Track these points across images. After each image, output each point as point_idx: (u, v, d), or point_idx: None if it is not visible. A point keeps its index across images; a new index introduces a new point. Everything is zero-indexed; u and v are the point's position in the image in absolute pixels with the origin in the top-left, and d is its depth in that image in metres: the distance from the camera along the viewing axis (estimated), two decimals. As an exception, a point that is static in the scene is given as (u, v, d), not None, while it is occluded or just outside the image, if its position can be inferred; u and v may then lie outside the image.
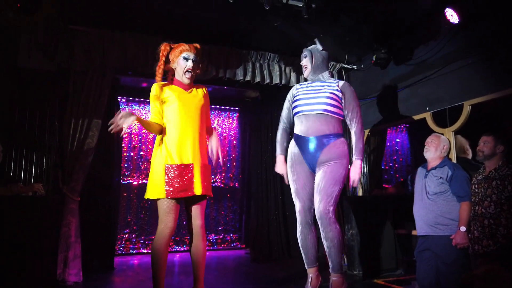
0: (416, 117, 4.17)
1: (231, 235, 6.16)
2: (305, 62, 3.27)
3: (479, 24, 3.44)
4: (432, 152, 3.36)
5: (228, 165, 6.28)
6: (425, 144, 3.43)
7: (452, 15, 3.40)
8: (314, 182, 3.08)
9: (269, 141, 5.60)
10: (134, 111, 5.78)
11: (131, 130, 5.75)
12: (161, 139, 2.64)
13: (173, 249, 5.74)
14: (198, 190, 2.58)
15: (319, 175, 3.03)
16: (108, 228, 4.49)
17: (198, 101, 2.73)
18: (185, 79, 2.69)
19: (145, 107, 5.90)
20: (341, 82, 3.19)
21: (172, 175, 2.51)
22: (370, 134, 4.94)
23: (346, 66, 5.00)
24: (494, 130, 3.04)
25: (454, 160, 3.57)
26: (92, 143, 3.85)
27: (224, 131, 6.34)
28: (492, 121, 4.01)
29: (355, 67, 5.05)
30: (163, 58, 2.70)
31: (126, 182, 5.64)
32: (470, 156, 3.74)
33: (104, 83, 3.98)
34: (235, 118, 6.40)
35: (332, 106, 3.06)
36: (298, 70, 4.77)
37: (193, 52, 2.70)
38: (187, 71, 2.67)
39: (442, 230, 3.13)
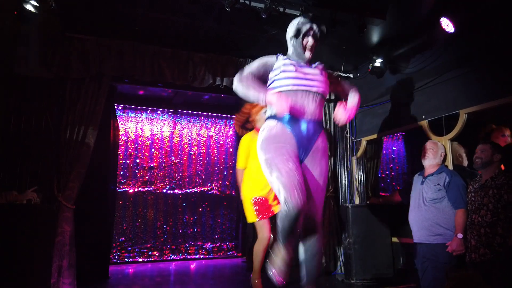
0: (412, 126, 4.18)
1: (227, 243, 6.13)
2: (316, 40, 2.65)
3: (474, 33, 3.47)
4: (431, 159, 3.37)
5: (225, 173, 6.27)
6: (423, 150, 3.43)
7: (447, 25, 3.42)
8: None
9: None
10: (130, 119, 5.78)
11: (127, 138, 5.74)
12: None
13: (169, 258, 5.70)
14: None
15: (316, 171, 2.54)
16: (103, 236, 4.45)
17: None
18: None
19: (141, 115, 5.89)
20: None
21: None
22: (366, 142, 4.95)
23: (342, 74, 5.03)
24: (487, 139, 3.06)
25: (451, 168, 3.58)
26: (88, 151, 3.83)
27: (221, 138, 6.34)
28: (488, 129, 4.03)
29: (351, 75, 5.08)
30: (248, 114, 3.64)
31: (122, 190, 5.61)
32: (465, 164, 3.75)
33: (101, 91, 3.98)
34: (231, 126, 6.39)
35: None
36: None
37: None
38: None
39: (437, 238, 3.13)
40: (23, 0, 3.08)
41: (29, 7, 3.10)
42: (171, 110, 6.05)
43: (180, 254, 5.78)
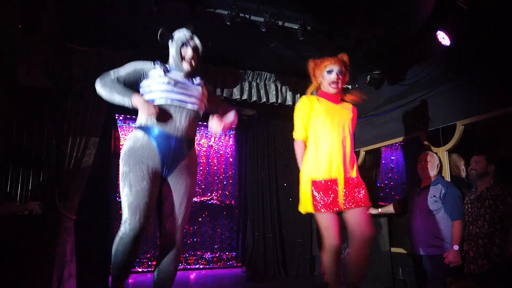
0: (410, 136, 4.22)
1: (227, 253, 6.12)
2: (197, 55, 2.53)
3: (470, 46, 3.52)
4: (429, 171, 3.40)
5: (225, 183, 6.29)
6: (420, 162, 3.47)
7: (443, 38, 3.48)
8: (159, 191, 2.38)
9: (265, 159, 5.64)
10: (131, 129, 5.82)
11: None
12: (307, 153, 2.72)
13: (187, 267, 5.70)
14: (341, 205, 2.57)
15: (180, 189, 2.40)
16: (103, 246, 4.45)
17: (347, 115, 2.76)
18: (331, 89, 2.74)
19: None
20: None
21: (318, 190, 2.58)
22: (365, 152, 4.99)
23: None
24: (485, 150, 3.10)
25: (448, 179, 3.61)
26: (89, 161, 3.87)
27: (221, 148, 6.37)
28: (485, 140, 4.07)
29: (349, 86, 5.13)
30: (313, 74, 2.84)
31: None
32: (464, 175, 3.78)
33: (102, 102, 4.00)
34: (231, 135, 6.44)
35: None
36: (294, 89, 4.85)
37: (338, 65, 2.77)
38: (333, 82, 2.72)
39: (434, 250, 3.15)
40: (28, 13, 3.12)
41: (33, 20, 3.14)
42: (171, 120, 6.07)
43: (180, 264, 5.77)
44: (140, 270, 5.53)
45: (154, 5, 3.04)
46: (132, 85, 2.41)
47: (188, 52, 2.46)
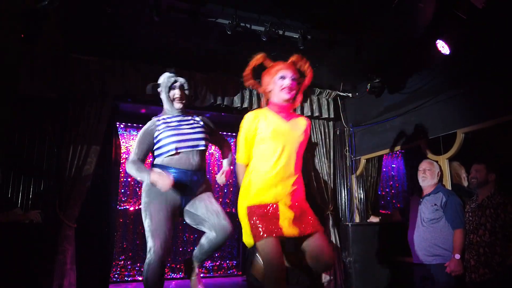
0: (410, 145, 4.23)
1: (227, 261, 6.10)
2: (184, 92, 2.79)
3: (470, 54, 3.54)
4: (429, 179, 3.40)
5: (225, 191, 6.28)
6: (420, 171, 3.46)
7: (443, 47, 3.50)
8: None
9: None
10: (132, 137, 5.84)
11: (129, 156, 5.77)
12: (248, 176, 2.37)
13: (169, 276, 5.67)
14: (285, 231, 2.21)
15: (201, 198, 2.71)
16: (104, 255, 4.44)
17: (297, 137, 2.38)
18: (283, 95, 2.35)
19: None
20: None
21: (255, 217, 2.24)
22: (366, 160, 4.99)
23: (341, 93, 5.11)
24: (485, 158, 3.10)
25: (449, 187, 3.60)
26: (90, 169, 3.88)
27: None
28: (486, 149, 4.07)
29: (350, 94, 5.15)
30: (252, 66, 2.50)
31: (122, 208, 5.62)
32: (465, 183, 3.78)
33: (103, 110, 4.05)
34: (232, 143, 6.44)
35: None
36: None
37: (291, 71, 2.39)
38: (285, 87, 2.34)
39: (436, 259, 3.14)
40: (30, 24, 3.14)
41: (35, 30, 3.16)
42: (172, 128, 6.09)
43: (180, 273, 5.75)
44: (140, 279, 5.50)
45: (155, 15, 3.07)
46: (150, 150, 2.71)
47: (176, 93, 2.73)
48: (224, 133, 6.44)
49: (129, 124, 5.84)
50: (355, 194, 5.00)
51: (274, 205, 2.25)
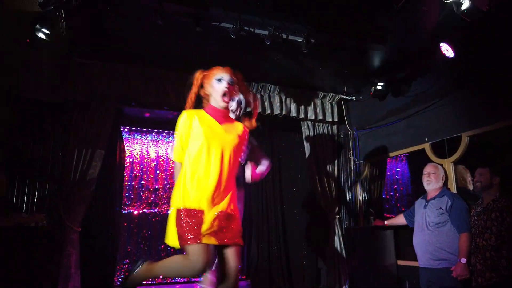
0: (415, 148, 4.21)
1: (231, 265, 6.07)
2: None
3: (474, 57, 3.53)
4: (433, 183, 3.38)
5: (229, 194, 6.27)
6: (425, 175, 3.44)
7: (447, 50, 3.50)
8: None
9: (270, 171, 5.61)
10: (136, 141, 5.86)
11: (133, 159, 5.79)
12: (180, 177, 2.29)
13: (173, 280, 5.65)
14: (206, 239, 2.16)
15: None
16: (108, 259, 4.44)
17: (231, 140, 2.33)
18: (221, 103, 2.34)
19: (147, 137, 5.95)
20: None
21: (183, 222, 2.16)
22: (370, 164, 4.97)
23: (345, 97, 5.10)
24: (489, 162, 3.09)
25: (454, 191, 3.58)
26: (95, 173, 3.89)
27: (225, 160, 6.36)
28: (491, 152, 4.05)
29: (354, 98, 5.14)
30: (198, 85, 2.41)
31: (126, 211, 5.62)
32: (470, 187, 3.76)
33: (107, 114, 4.06)
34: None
35: None
36: (298, 101, 4.87)
37: (228, 73, 2.38)
38: (223, 94, 2.32)
39: (441, 263, 3.12)
40: (35, 28, 3.17)
41: (40, 35, 3.19)
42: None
43: (184, 278, 5.73)
44: (144, 283, 5.48)
45: (159, 18, 3.08)
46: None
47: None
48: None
49: (133, 128, 5.85)
50: (360, 198, 4.97)
51: (201, 211, 2.18)
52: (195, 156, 2.25)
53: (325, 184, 4.89)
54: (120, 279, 5.38)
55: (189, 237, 2.11)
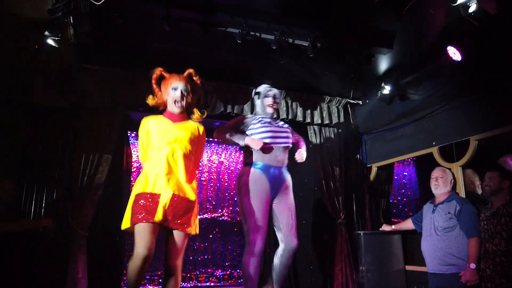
0: (422, 152, 4.18)
1: (238, 270, 6.06)
2: (275, 101, 3.38)
3: (482, 60, 3.51)
4: (442, 187, 3.36)
5: (235, 199, 6.27)
6: (433, 179, 3.42)
7: (454, 53, 3.48)
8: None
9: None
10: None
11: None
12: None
13: (198, 285, 5.65)
14: (159, 217, 2.40)
15: (287, 203, 3.24)
16: (115, 263, 4.45)
17: (184, 134, 2.64)
18: (175, 108, 2.69)
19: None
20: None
21: (140, 202, 2.43)
22: (377, 168, 4.94)
23: (351, 101, 5.09)
24: (499, 166, 3.06)
25: (463, 195, 3.55)
26: (102, 178, 3.91)
27: (231, 164, 6.37)
28: (500, 155, 4.01)
29: (360, 102, 5.13)
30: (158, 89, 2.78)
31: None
32: (479, 191, 3.72)
33: (115, 120, 4.08)
34: (242, 152, 6.44)
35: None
36: (305, 105, 4.86)
37: (183, 82, 2.72)
38: (175, 101, 2.67)
39: (450, 268, 3.08)
40: (44, 35, 3.21)
41: (49, 41, 3.23)
42: (183, 137, 6.11)
43: (191, 282, 5.73)
44: (150, 287, 5.49)
45: (166, 24, 3.10)
46: (238, 131, 3.25)
47: (269, 100, 3.32)
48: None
49: (140, 133, 5.88)
50: (367, 203, 4.94)
51: (158, 195, 2.44)
52: (154, 151, 2.58)
53: (332, 188, 4.87)
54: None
55: (137, 218, 2.39)
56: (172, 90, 2.69)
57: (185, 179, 2.56)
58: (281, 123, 3.46)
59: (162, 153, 2.54)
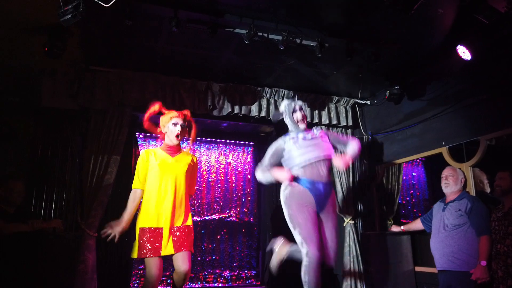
0: (432, 152, 4.15)
1: (246, 271, 6.06)
2: (304, 113, 3.28)
3: (492, 60, 3.48)
4: (452, 186, 3.34)
5: (243, 200, 6.27)
6: (443, 178, 3.40)
7: (464, 52, 3.44)
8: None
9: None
10: (151, 147, 5.90)
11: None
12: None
13: (188, 285, 5.66)
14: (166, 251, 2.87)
15: (330, 224, 3.13)
16: (124, 264, 4.47)
17: (181, 167, 3.04)
18: (175, 141, 3.07)
19: (161, 143, 6.00)
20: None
21: (145, 238, 2.87)
22: (386, 168, 4.91)
23: (359, 101, 5.07)
24: (510, 166, 3.02)
25: (473, 194, 3.51)
26: (111, 179, 3.93)
27: (239, 165, 6.37)
28: (510, 155, 3.97)
29: (368, 102, 5.10)
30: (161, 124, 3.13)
31: (142, 217, 5.66)
32: (488, 190, 3.69)
33: (123, 121, 4.11)
34: (249, 152, 6.44)
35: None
36: (312, 106, 4.85)
37: (181, 118, 3.08)
38: (177, 135, 3.04)
39: (460, 265, 3.05)
40: (53, 37, 3.23)
41: (58, 44, 3.26)
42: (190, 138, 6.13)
43: (199, 282, 5.74)
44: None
45: (174, 26, 3.11)
46: (277, 163, 3.19)
47: (298, 116, 3.21)
48: (242, 142, 6.45)
49: (148, 134, 5.90)
50: (375, 203, 4.91)
51: (160, 228, 2.89)
52: (155, 184, 2.94)
53: (340, 189, 4.85)
54: (136, 284, 5.41)
55: (147, 252, 2.83)
56: (173, 125, 3.06)
57: (183, 208, 2.99)
58: (315, 130, 3.28)
59: (162, 186, 2.93)
